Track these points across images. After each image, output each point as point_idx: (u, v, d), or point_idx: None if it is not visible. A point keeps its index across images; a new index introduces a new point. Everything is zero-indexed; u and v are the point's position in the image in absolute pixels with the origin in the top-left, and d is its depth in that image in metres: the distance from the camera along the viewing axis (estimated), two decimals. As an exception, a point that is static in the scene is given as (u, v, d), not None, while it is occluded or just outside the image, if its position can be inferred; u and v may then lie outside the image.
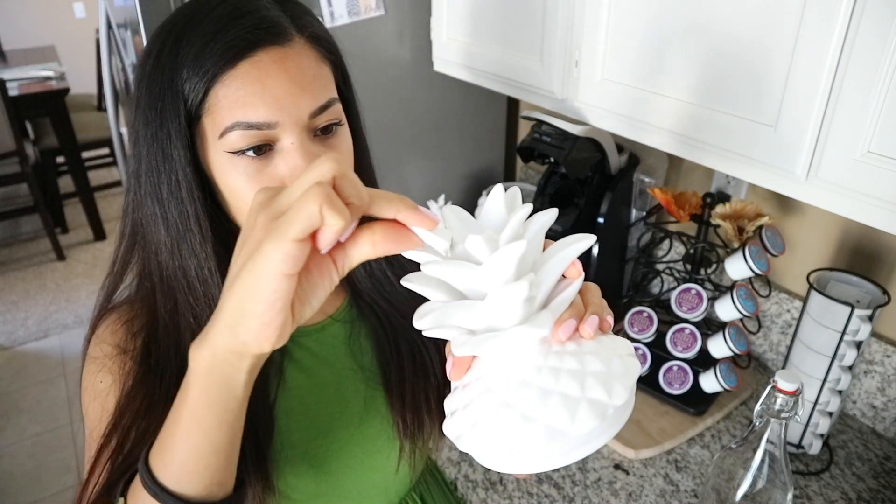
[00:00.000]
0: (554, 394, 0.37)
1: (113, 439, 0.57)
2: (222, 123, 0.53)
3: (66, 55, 4.50)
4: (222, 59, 0.52)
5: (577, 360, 0.38)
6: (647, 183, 1.19)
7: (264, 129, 0.53)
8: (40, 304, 3.12)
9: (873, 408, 1.03)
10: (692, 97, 0.82)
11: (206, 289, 0.58)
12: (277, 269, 0.37)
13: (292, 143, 0.54)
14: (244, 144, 0.54)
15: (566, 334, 0.39)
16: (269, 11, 0.55)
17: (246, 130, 0.53)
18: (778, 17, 0.70)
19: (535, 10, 1.02)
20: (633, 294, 1.15)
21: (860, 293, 0.92)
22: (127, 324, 0.63)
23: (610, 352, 0.39)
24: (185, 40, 0.54)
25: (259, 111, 0.53)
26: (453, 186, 1.55)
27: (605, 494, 0.92)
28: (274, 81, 0.53)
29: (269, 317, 0.39)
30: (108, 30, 1.72)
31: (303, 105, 0.54)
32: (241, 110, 0.53)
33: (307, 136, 0.55)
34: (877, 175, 0.65)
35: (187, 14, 0.56)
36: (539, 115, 1.06)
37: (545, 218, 0.39)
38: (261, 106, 0.53)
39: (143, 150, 0.56)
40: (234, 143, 0.54)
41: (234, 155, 0.54)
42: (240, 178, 0.55)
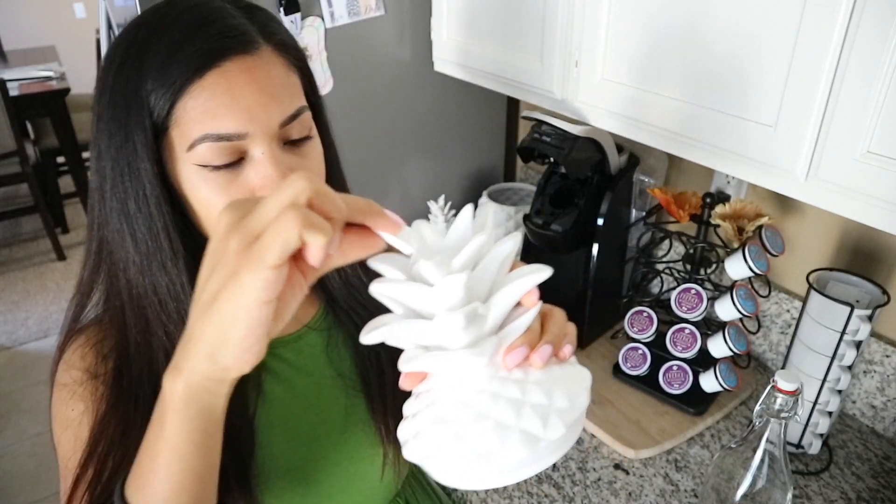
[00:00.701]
0: (489, 419, 0.37)
1: (89, 469, 0.55)
2: (191, 135, 0.52)
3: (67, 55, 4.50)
4: (189, 69, 0.51)
5: (519, 389, 0.38)
6: (647, 183, 1.19)
7: (235, 140, 0.52)
8: (41, 304, 3.12)
9: (873, 408, 1.03)
10: (692, 97, 0.82)
11: (179, 305, 0.56)
12: (258, 297, 0.37)
13: (263, 152, 0.53)
14: (216, 159, 0.52)
15: (513, 362, 0.39)
16: (235, 20, 0.54)
17: (216, 142, 0.51)
18: (778, 16, 0.70)
19: (535, 10, 1.02)
20: (633, 294, 1.15)
21: (860, 293, 0.92)
22: (96, 346, 0.61)
23: (557, 384, 0.39)
24: (150, 50, 0.52)
25: (229, 122, 0.51)
26: (453, 186, 1.55)
27: (605, 494, 0.92)
28: (243, 91, 0.52)
29: (250, 342, 0.38)
30: (109, 30, 1.72)
31: (273, 114, 0.53)
32: (211, 122, 0.51)
33: (277, 145, 0.54)
34: (876, 175, 0.65)
35: (150, 23, 0.54)
36: (539, 115, 1.06)
37: (505, 248, 0.39)
38: (231, 117, 0.51)
39: (108, 164, 0.54)
40: (204, 156, 0.52)
41: (204, 167, 0.53)
42: (211, 191, 0.54)
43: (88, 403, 0.58)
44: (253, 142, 0.53)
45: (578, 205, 1.12)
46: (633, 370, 1.09)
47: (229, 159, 0.53)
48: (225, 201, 0.52)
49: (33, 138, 3.56)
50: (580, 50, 0.96)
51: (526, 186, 1.52)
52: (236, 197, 0.53)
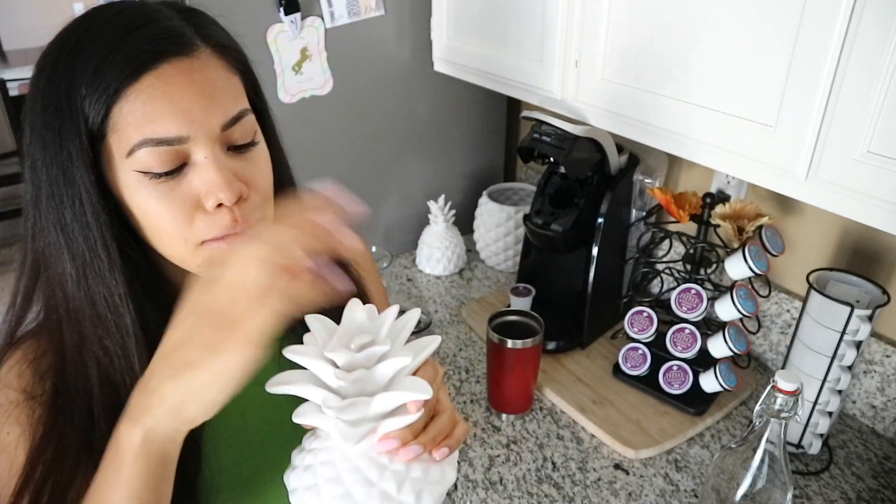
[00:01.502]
0: (343, 486, 0.44)
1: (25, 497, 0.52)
2: (129, 141, 0.50)
3: (67, 55, 4.49)
4: (123, 72, 0.49)
5: (378, 473, 0.45)
6: (647, 183, 1.19)
7: (175, 143, 0.50)
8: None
9: (873, 407, 1.03)
10: (692, 97, 0.82)
11: (118, 318, 0.53)
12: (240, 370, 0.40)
13: (205, 157, 0.51)
14: (156, 165, 0.50)
15: (382, 449, 0.45)
16: (171, 21, 0.52)
17: (156, 147, 0.50)
18: (778, 16, 0.70)
19: (535, 11, 1.02)
20: (633, 294, 1.15)
21: (860, 293, 0.92)
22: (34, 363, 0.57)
23: (413, 480, 0.45)
24: (82, 54, 0.50)
25: (168, 126, 0.50)
26: (453, 186, 1.55)
27: (605, 494, 0.92)
28: (182, 94, 0.50)
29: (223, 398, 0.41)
30: (109, 30, 1.72)
31: (213, 117, 0.52)
32: (149, 126, 0.49)
33: (220, 149, 0.53)
34: (877, 175, 0.65)
35: (82, 26, 0.52)
36: (539, 115, 1.06)
37: (400, 361, 0.45)
38: (170, 120, 0.50)
39: (43, 174, 0.52)
40: (144, 163, 0.50)
41: (144, 174, 0.51)
42: (152, 199, 0.52)
43: (25, 427, 0.55)
44: (195, 146, 0.51)
45: (578, 205, 1.12)
46: (633, 370, 1.09)
47: (171, 166, 0.51)
48: (167, 210, 0.52)
49: (33, 138, 3.56)
50: (580, 50, 0.96)
51: (526, 186, 1.52)
52: (179, 206, 0.52)
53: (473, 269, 1.49)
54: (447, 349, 1.22)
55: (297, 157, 1.44)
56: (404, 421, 0.45)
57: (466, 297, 1.38)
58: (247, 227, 0.54)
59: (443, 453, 0.48)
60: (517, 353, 1.00)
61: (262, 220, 0.56)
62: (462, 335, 1.27)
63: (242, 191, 0.53)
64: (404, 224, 1.52)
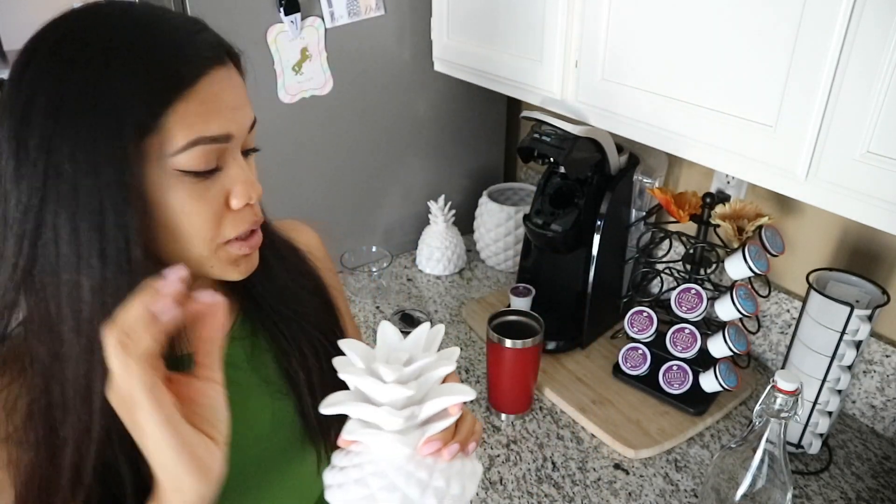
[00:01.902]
0: (399, 490, 0.49)
1: None
2: (179, 141, 0.50)
3: (67, 55, 4.50)
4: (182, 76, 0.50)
5: (427, 473, 0.50)
6: (647, 183, 1.19)
7: (223, 142, 0.53)
8: (41, 304, 3.12)
9: (872, 407, 1.03)
10: (692, 97, 0.82)
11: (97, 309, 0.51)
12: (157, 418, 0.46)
13: (236, 161, 0.55)
14: (201, 164, 0.52)
15: (427, 451, 0.50)
16: (210, 32, 0.55)
17: (207, 145, 0.51)
18: (778, 16, 0.70)
19: (535, 11, 1.02)
20: (633, 294, 1.15)
21: (859, 293, 0.92)
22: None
23: (455, 474, 0.51)
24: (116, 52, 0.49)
25: (221, 124, 0.52)
26: (453, 186, 1.55)
27: (605, 494, 0.92)
28: (228, 96, 0.53)
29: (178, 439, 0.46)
30: (109, 30, 1.72)
31: (246, 119, 0.56)
32: (203, 125, 0.51)
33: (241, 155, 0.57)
34: (876, 175, 0.65)
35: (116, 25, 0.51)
36: (539, 115, 1.06)
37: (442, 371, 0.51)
38: (221, 120, 0.52)
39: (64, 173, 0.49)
40: (190, 161, 0.51)
41: (186, 174, 0.52)
42: (188, 198, 0.52)
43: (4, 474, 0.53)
44: (234, 146, 0.55)
45: (578, 205, 1.12)
46: (633, 370, 1.09)
47: (212, 165, 0.53)
48: (201, 209, 0.53)
49: (33, 138, 3.56)
50: (580, 50, 0.96)
51: (526, 186, 1.52)
52: (211, 205, 0.54)
53: (473, 269, 1.49)
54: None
55: (298, 157, 1.44)
56: (447, 422, 0.51)
57: (466, 297, 1.39)
58: (258, 223, 0.59)
59: (472, 447, 0.54)
60: (517, 353, 1.00)
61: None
62: (462, 335, 1.27)
63: (259, 192, 0.57)
64: (404, 224, 1.52)
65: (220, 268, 0.57)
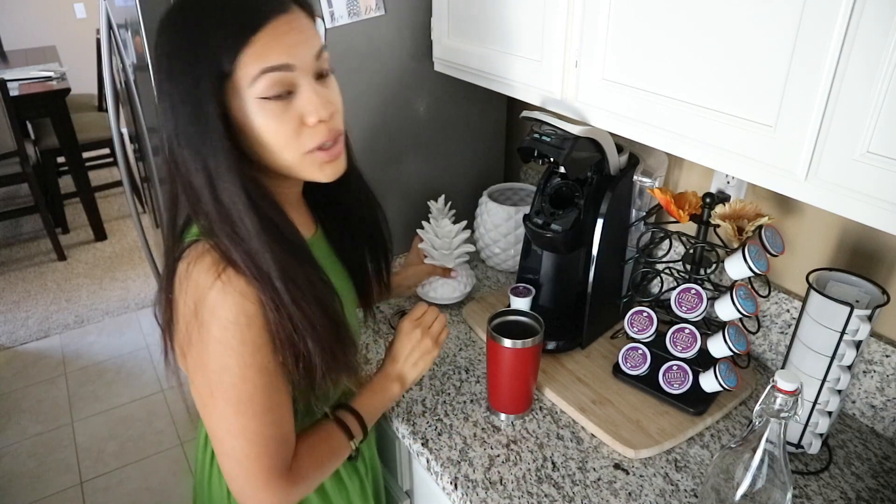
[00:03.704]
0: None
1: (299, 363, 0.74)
2: (252, 73, 0.67)
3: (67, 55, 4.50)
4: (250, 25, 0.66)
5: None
6: (647, 183, 1.19)
7: (283, 70, 0.68)
8: (41, 304, 3.12)
9: (872, 407, 1.03)
10: (692, 97, 0.82)
11: (238, 213, 0.70)
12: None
13: (306, 85, 0.71)
14: (271, 89, 0.68)
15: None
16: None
17: (271, 73, 0.67)
18: (778, 16, 0.70)
19: (535, 11, 1.02)
20: (633, 294, 1.15)
21: (859, 293, 0.92)
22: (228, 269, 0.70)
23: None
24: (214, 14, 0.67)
25: (280, 57, 0.68)
26: (453, 186, 1.55)
27: (605, 494, 0.92)
28: (287, 36, 0.68)
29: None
30: (109, 30, 1.72)
31: (308, 49, 0.70)
32: (266, 59, 0.67)
33: (314, 79, 0.72)
34: (876, 175, 0.65)
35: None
36: (539, 115, 1.06)
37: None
38: (280, 53, 0.68)
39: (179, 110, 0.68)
40: (263, 89, 0.68)
41: (264, 100, 0.68)
42: (269, 118, 0.69)
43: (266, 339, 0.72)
44: (298, 76, 0.70)
45: (578, 205, 1.12)
46: (633, 370, 1.09)
47: (281, 90, 0.69)
48: (279, 126, 0.70)
49: (33, 138, 3.56)
50: (580, 50, 0.96)
51: (526, 186, 1.52)
52: (289, 123, 0.70)
53: (473, 269, 1.49)
54: (447, 349, 1.23)
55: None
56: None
57: (466, 297, 1.39)
58: (336, 136, 0.75)
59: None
60: (517, 353, 1.00)
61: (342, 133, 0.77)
62: (462, 335, 1.27)
63: (333, 110, 0.73)
64: (404, 224, 1.52)
65: (309, 172, 0.76)
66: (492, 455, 0.99)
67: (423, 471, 1.07)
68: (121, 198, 4.17)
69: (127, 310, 3.08)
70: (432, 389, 1.12)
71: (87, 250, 3.59)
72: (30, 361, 2.78)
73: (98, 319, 3.02)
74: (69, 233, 3.77)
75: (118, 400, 2.55)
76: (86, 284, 3.28)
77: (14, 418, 2.47)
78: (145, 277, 3.31)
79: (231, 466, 0.75)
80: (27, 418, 2.47)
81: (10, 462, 2.27)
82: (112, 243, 3.66)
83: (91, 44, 4.08)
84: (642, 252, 1.17)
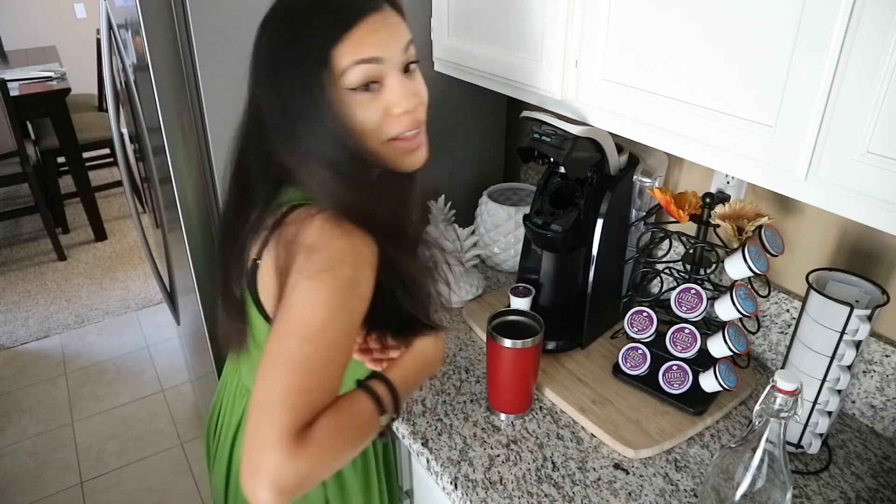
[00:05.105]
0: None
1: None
2: (344, 64, 0.72)
3: (67, 55, 4.51)
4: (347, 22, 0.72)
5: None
6: (647, 183, 1.19)
7: (373, 62, 0.73)
8: (41, 304, 3.12)
9: (872, 407, 1.03)
10: (692, 97, 0.82)
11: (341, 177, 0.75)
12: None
13: (393, 78, 0.76)
14: (360, 78, 0.73)
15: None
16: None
17: (363, 65, 0.73)
18: (777, 16, 0.70)
19: (535, 11, 1.02)
20: (633, 294, 1.16)
21: (859, 293, 0.92)
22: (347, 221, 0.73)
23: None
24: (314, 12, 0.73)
25: (370, 50, 0.73)
26: (453, 186, 1.55)
27: (605, 494, 0.92)
28: (378, 32, 0.74)
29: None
30: (109, 30, 1.72)
31: (397, 43, 0.76)
32: (358, 52, 0.72)
33: (401, 72, 0.76)
34: (876, 175, 0.65)
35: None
36: (539, 115, 1.06)
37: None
38: (371, 46, 0.73)
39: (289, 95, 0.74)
40: (353, 79, 0.73)
41: (353, 91, 0.74)
42: (358, 107, 0.75)
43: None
44: (388, 68, 0.75)
45: (578, 205, 1.12)
46: (632, 370, 1.09)
47: (370, 81, 0.74)
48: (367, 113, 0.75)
49: (34, 138, 3.56)
50: (580, 50, 0.96)
51: (526, 186, 1.52)
52: (375, 112, 0.75)
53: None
54: (447, 349, 1.23)
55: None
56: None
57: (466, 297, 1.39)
58: (419, 125, 0.79)
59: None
60: (517, 353, 1.00)
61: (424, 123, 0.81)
62: (462, 335, 1.27)
63: (417, 101, 0.78)
64: (404, 224, 1.52)
65: (392, 159, 0.79)
66: (492, 455, 0.99)
67: (423, 471, 1.07)
68: (121, 198, 4.17)
69: (127, 310, 3.08)
70: (432, 389, 1.13)
71: (88, 250, 3.59)
72: (30, 361, 2.78)
73: (98, 319, 3.02)
74: (69, 233, 3.77)
75: (118, 400, 2.55)
76: (86, 284, 3.28)
77: (14, 418, 2.47)
78: (145, 277, 3.31)
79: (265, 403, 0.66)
80: (27, 418, 2.47)
81: (10, 462, 2.27)
82: (112, 243, 3.66)
83: (91, 44, 4.08)
84: (642, 252, 1.17)
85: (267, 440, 0.62)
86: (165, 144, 1.25)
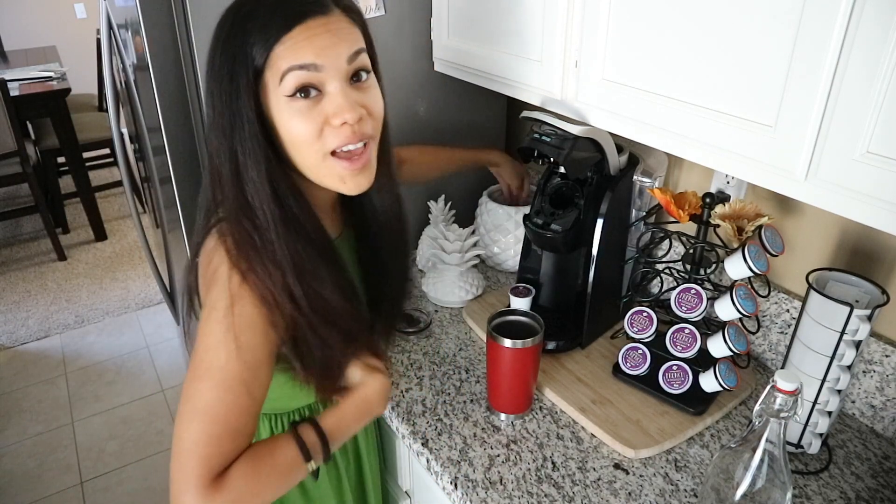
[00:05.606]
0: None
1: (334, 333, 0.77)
2: (280, 70, 0.69)
3: (67, 55, 4.51)
4: (282, 25, 0.69)
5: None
6: (647, 183, 1.19)
7: (311, 70, 0.69)
8: (41, 304, 3.12)
9: (872, 407, 1.03)
10: (692, 97, 0.82)
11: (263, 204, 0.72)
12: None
13: (335, 87, 0.71)
14: (294, 84, 0.69)
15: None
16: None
17: (298, 71, 0.69)
18: (777, 15, 0.70)
19: (534, 11, 1.02)
20: (633, 294, 1.15)
21: (859, 293, 0.92)
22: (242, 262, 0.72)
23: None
24: (253, 15, 0.69)
25: (307, 56, 0.69)
26: (453, 186, 1.55)
27: (605, 494, 0.92)
28: (318, 37, 0.70)
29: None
30: (109, 30, 1.72)
31: (341, 53, 0.71)
32: (294, 57, 0.69)
33: (346, 82, 0.72)
34: (876, 175, 0.65)
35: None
36: (539, 115, 1.06)
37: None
38: (308, 52, 0.69)
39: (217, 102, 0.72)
40: (290, 86, 0.69)
41: (291, 98, 0.70)
42: (294, 116, 0.71)
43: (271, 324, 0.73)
44: (327, 77, 0.70)
45: (578, 205, 1.12)
46: (632, 370, 1.09)
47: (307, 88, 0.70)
48: (304, 123, 0.71)
49: (34, 138, 3.57)
50: (580, 50, 0.96)
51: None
52: (313, 121, 0.71)
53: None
54: (447, 349, 1.23)
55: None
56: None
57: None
58: (361, 139, 0.74)
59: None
60: (517, 353, 1.00)
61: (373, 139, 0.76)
62: (462, 335, 1.27)
63: (362, 113, 0.73)
64: (404, 224, 1.52)
65: (331, 179, 0.76)
66: (492, 455, 0.99)
67: (423, 471, 1.07)
68: (121, 198, 4.17)
69: (127, 310, 3.08)
70: (432, 389, 1.13)
71: (88, 250, 3.59)
72: (30, 361, 2.78)
73: (98, 319, 3.02)
74: (69, 233, 3.77)
75: (118, 400, 2.55)
76: (86, 284, 3.28)
77: (14, 418, 2.47)
78: (145, 277, 3.31)
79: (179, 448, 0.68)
80: (27, 418, 2.47)
81: (10, 462, 2.27)
82: (112, 243, 3.66)
83: (91, 44, 4.08)
84: (642, 252, 1.17)
85: (183, 485, 0.65)
86: (165, 144, 1.25)
